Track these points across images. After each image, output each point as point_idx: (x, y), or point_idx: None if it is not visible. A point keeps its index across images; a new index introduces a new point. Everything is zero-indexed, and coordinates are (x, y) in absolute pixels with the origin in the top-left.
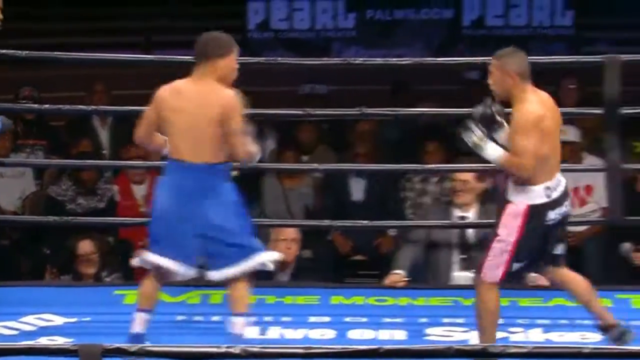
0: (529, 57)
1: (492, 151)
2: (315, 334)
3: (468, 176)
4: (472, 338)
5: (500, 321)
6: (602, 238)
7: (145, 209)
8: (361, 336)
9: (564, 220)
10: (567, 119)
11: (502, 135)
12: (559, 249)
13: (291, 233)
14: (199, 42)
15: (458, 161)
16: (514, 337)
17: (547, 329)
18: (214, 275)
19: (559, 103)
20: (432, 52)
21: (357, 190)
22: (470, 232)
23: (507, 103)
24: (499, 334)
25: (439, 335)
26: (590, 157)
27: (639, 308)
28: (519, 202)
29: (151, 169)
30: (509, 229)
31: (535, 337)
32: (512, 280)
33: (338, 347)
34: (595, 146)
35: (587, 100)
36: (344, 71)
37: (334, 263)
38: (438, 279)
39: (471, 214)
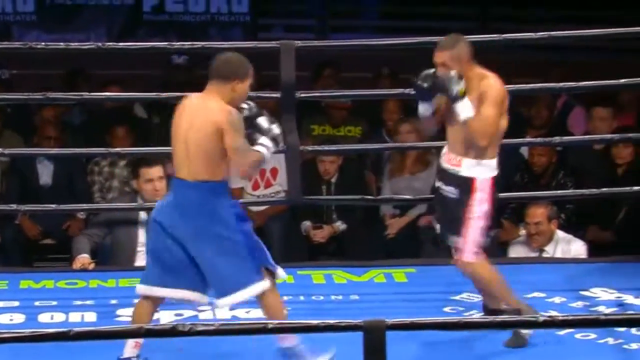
0: (207, 43)
1: (464, 109)
2: (4, 318)
3: (157, 170)
4: (163, 318)
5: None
6: (284, 217)
7: None
8: (51, 319)
9: None
10: None
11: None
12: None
13: None
14: (221, 61)
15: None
16: (202, 315)
17: (234, 305)
18: (217, 303)
19: None
20: (113, 37)
21: (45, 174)
22: None
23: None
24: (189, 312)
25: (130, 316)
26: None
27: (319, 283)
28: (482, 176)
29: None
30: (480, 202)
31: (222, 314)
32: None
33: (27, 331)
34: None
35: (262, 84)
36: (25, 55)
37: (22, 247)
38: (127, 260)
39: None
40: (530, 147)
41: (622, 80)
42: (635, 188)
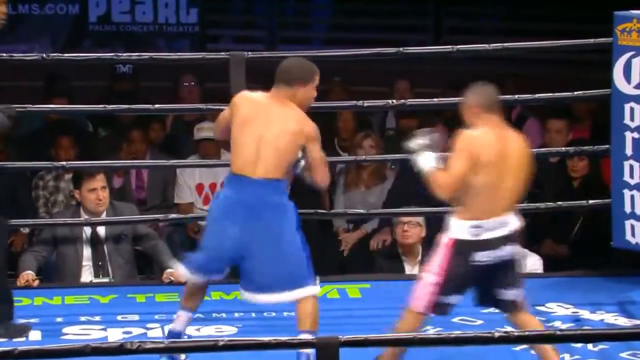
0: (155, 54)
1: (424, 161)
2: None
3: (100, 179)
4: (110, 335)
5: (136, 317)
6: None
7: None
8: None
9: (506, 265)
10: (201, 115)
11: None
12: (507, 295)
13: None
14: (284, 67)
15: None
16: (151, 333)
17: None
18: (253, 297)
19: (180, 100)
20: (58, 47)
21: None
22: (101, 229)
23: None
24: (137, 330)
25: (76, 334)
26: (227, 154)
27: None
28: (447, 235)
29: None
30: (436, 260)
31: None
32: (442, 313)
33: None
34: None
35: (210, 96)
36: None
37: None
38: (72, 277)
39: (104, 214)
40: None
41: (578, 92)
42: (591, 202)
